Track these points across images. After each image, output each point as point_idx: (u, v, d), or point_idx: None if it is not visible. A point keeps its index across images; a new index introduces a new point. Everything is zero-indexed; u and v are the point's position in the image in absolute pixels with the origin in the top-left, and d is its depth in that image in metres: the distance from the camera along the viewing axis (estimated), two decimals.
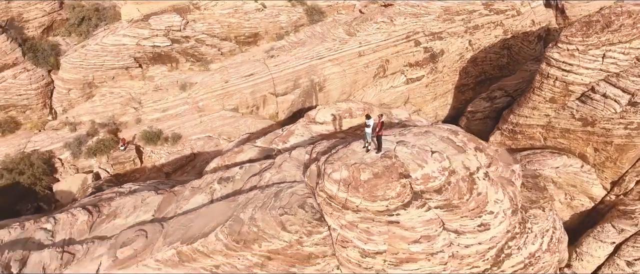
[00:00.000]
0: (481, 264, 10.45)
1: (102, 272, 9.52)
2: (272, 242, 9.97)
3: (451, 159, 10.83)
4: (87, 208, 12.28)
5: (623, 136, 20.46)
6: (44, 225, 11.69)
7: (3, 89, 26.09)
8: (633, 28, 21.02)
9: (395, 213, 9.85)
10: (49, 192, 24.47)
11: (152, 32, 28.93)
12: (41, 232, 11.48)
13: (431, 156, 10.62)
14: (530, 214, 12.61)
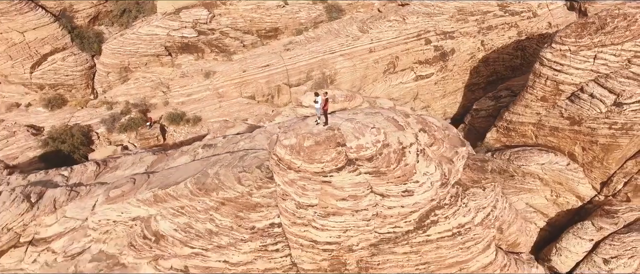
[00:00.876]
0: (403, 225, 12.14)
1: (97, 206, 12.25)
2: (227, 192, 12.28)
3: (388, 135, 12.58)
4: (97, 162, 15.25)
5: (607, 136, 20.93)
6: (62, 172, 14.76)
7: (53, 70, 30.23)
8: (626, 30, 21.35)
9: (329, 175, 11.80)
10: (84, 161, 28.25)
11: (181, 24, 32.14)
12: (59, 177, 14.53)
13: (369, 131, 12.44)
14: (470, 191, 14.02)
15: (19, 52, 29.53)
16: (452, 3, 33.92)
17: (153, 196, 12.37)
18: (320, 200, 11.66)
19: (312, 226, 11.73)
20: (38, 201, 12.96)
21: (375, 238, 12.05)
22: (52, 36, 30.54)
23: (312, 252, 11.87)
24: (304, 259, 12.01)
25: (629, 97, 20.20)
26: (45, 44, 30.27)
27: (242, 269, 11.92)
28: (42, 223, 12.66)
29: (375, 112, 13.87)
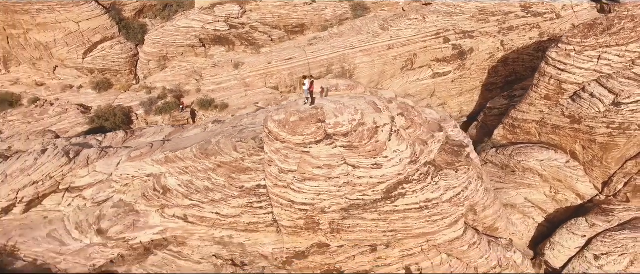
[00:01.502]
0: (371, 194, 13.82)
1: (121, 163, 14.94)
2: (224, 157, 14.53)
3: (364, 115, 14.30)
4: (126, 130, 18.06)
5: (605, 135, 21.36)
6: (97, 137, 17.71)
7: (102, 57, 34.09)
8: (632, 31, 21.64)
9: (308, 146, 13.74)
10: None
11: (215, 18, 35.06)
12: (94, 141, 17.48)
13: (347, 111, 14.23)
14: (443, 172, 15.41)
15: (74, 40, 33.57)
16: (474, 3, 34.62)
17: (164, 158, 14.88)
18: (299, 167, 13.63)
19: (291, 189, 13.74)
20: (75, 157, 15.88)
21: (346, 203, 13.86)
22: (103, 26, 34.39)
23: (290, 211, 13.87)
24: (283, 217, 14.03)
25: (627, 97, 20.57)
26: (96, 33, 34.15)
27: (231, 221, 14.12)
28: (77, 175, 15.53)
29: (359, 97, 15.66)
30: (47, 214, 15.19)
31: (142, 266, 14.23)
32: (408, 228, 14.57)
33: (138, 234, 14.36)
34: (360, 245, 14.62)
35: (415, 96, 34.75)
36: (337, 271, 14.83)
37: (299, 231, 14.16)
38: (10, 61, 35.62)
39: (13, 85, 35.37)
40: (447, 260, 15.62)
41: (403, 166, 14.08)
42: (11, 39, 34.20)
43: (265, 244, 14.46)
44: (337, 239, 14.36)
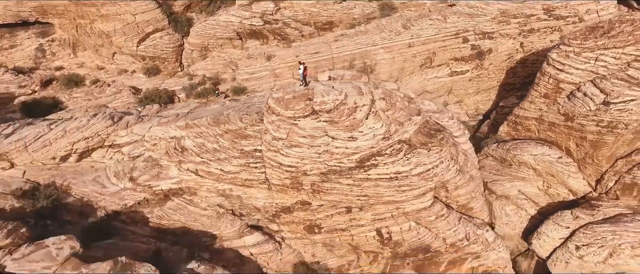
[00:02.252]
0: (346, 162, 16.43)
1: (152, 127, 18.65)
2: (231, 125, 17.79)
3: (348, 96, 16.96)
4: (160, 103, 21.87)
5: (595, 133, 22.42)
6: (137, 108, 21.64)
7: (153, 46, 38.89)
8: (630, 35, 22.51)
9: (297, 119, 16.64)
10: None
11: (251, 14, 38.76)
12: (134, 110, 21.50)
13: (333, 92, 16.96)
14: (417, 150, 17.67)
15: (130, 30, 38.61)
16: (496, 5, 35.76)
17: (185, 124, 18.41)
18: (288, 136, 16.58)
19: (280, 153, 16.69)
20: (118, 121, 19.87)
21: (325, 168, 16.60)
22: (155, 19, 39.20)
23: (278, 171, 16.83)
24: (273, 176, 17.02)
25: (616, 97, 21.55)
26: (149, 24, 39.02)
27: (231, 176, 17.32)
28: (118, 135, 19.48)
29: (347, 82, 18.33)
30: (94, 164, 19.23)
31: (161, 209, 17.81)
32: (379, 195, 17.06)
33: (160, 182, 17.96)
34: (337, 206, 17.30)
35: (432, 92, 36.54)
36: (318, 227, 17.62)
37: (285, 189, 17.09)
38: (78, 47, 41.42)
39: (79, 68, 41.10)
40: (415, 227, 17.90)
41: (376, 141, 16.60)
42: (79, 27, 39.88)
43: (258, 198, 17.54)
44: (317, 198, 17.13)
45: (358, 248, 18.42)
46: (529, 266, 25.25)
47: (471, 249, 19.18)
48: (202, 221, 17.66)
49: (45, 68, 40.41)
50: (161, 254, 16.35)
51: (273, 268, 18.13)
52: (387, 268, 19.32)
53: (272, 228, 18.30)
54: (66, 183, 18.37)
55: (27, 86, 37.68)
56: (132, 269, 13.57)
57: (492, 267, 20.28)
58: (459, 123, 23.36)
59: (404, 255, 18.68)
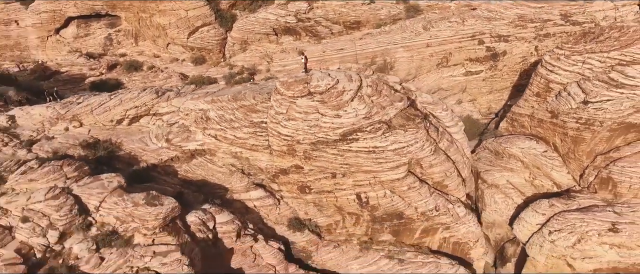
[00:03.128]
0: (332, 135, 20.19)
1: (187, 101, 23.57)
2: (245, 102, 22.21)
3: (339, 82, 20.76)
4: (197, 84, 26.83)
5: (574, 129, 24.57)
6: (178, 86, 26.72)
7: (200, 38, 44.53)
8: (616, 41, 24.40)
9: (296, 98, 20.71)
10: None
11: (287, 12, 43.27)
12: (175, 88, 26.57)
13: (326, 78, 20.82)
14: (395, 131, 21.04)
15: (182, 24, 44.52)
16: (515, 10, 37.65)
17: (211, 99, 23.12)
18: (287, 111, 20.72)
19: (280, 125, 20.84)
20: (161, 95, 25.06)
21: (314, 139, 20.51)
22: (204, 14, 44.84)
23: (278, 139, 20.98)
24: (274, 143, 21.21)
25: (594, 97, 23.59)
26: (198, 19, 44.71)
27: (242, 141, 21.72)
28: (160, 106, 24.61)
29: (342, 71, 22.14)
30: (141, 128, 24.46)
31: (188, 165, 22.60)
32: (359, 164, 20.73)
33: (188, 144, 22.77)
34: (324, 171, 21.14)
35: (447, 90, 39.17)
36: (308, 188, 21.59)
37: (283, 155, 21.20)
38: (139, 37, 48.08)
39: (139, 55, 47.75)
40: (390, 195, 21.37)
41: (358, 119, 20.32)
42: (141, 20, 46.43)
43: (262, 161, 21.81)
44: (308, 164, 21.08)
45: (342, 209, 22.17)
46: (514, 252, 27.68)
47: (441, 219, 22.26)
48: (217, 176, 22.24)
49: (111, 54, 47.41)
50: (183, 195, 21.06)
51: (272, 220, 22.34)
52: (368, 231, 22.88)
53: (273, 187, 22.52)
54: (119, 140, 23.71)
55: (96, 69, 44.76)
56: (159, 200, 18.34)
57: (463, 239, 23.19)
58: (452, 115, 26.33)
59: (382, 219, 22.16)
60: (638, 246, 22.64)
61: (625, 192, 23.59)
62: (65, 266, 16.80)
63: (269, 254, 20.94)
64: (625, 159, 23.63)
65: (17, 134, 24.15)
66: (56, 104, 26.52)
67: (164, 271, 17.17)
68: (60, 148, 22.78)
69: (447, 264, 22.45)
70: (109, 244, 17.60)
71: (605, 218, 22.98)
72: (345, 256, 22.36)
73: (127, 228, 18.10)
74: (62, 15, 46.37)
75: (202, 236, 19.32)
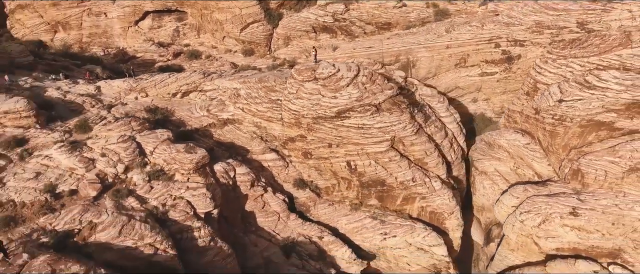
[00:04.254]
0: (329, 112, 25.57)
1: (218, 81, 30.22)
2: (267, 83, 28.36)
3: (339, 70, 26.09)
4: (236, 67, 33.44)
5: (550, 124, 27.90)
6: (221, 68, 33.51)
7: (250, 33, 51.64)
8: (596, 47, 27.37)
9: (304, 82, 26.41)
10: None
11: (325, 13, 49.03)
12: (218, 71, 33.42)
13: (330, 67, 26.25)
14: (383, 113, 25.93)
15: (236, 20, 51.91)
16: (533, 17, 40.30)
17: (243, 80, 29.57)
18: (296, 91, 26.49)
19: (291, 102, 26.64)
20: (206, 76, 32.00)
21: (316, 114, 26.06)
22: (255, 12, 51.92)
23: (288, 113, 26.78)
24: (285, 116, 27.03)
25: (568, 96, 26.72)
26: (250, 17, 51.87)
27: (261, 113, 27.84)
28: (205, 84, 31.49)
29: (345, 63, 27.48)
30: (189, 100, 31.52)
31: (221, 130, 29.13)
32: (349, 137, 25.99)
33: (223, 114, 29.33)
34: (322, 141, 26.61)
35: (464, 89, 42.74)
36: (310, 154, 27.16)
37: (291, 126, 26.96)
38: (201, 30, 56.34)
39: (200, 46, 55.99)
40: (374, 165, 26.38)
41: (350, 101, 25.62)
42: (203, 16, 54.55)
43: (276, 130, 27.77)
44: (310, 134, 26.67)
45: (337, 174, 27.51)
46: (498, 234, 31.36)
47: (417, 190, 26.82)
48: (242, 140, 28.56)
49: (178, 44, 56.08)
50: (213, 151, 27.60)
51: (281, 178, 28.25)
52: (359, 195, 28.01)
53: (284, 152, 28.41)
54: (172, 109, 30.90)
55: (164, 56, 53.59)
56: (194, 150, 24.98)
57: (438, 210, 27.54)
58: (446, 106, 30.82)
59: (368, 185, 27.18)
60: (596, 230, 25.58)
61: (591, 182, 26.44)
62: (126, 189, 23.87)
63: (275, 203, 26.87)
64: (593, 153, 26.46)
65: (101, 99, 32.23)
66: (130, 79, 34.51)
67: (193, 200, 23.69)
68: (130, 111, 30.37)
69: (421, 228, 26.97)
70: (157, 178, 24.48)
71: (568, 202, 26.12)
72: (337, 213, 27.68)
73: (170, 168, 24.91)
74: (140, 10, 55.77)
75: (224, 181, 25.68)
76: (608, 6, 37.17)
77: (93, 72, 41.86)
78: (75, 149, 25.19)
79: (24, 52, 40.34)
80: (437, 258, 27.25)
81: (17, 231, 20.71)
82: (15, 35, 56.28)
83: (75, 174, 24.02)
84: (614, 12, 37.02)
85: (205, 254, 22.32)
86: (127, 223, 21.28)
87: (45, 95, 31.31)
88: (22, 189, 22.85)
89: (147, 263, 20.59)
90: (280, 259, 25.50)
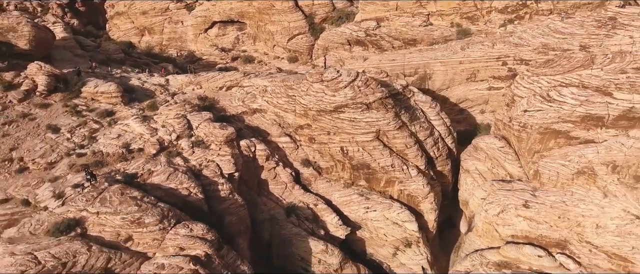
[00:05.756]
0: (328, 107, 32.92)
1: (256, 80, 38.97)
2: (287, 83, 36.49)
3: (341, 75, 33.46)
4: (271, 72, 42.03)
5: (517, 130, 32.96)
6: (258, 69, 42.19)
7: (295, 43, 60.60)
8: (562, 67, 32.02)
9: (313, 83, 34.13)
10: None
11: (359, 28, 56.59)
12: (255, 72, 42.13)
13: (333, 72, 33.73)
14: (371, 110, 32.76)
15: (285, 31, 61.15)
16: (541, 39, 44.60)
17: (270, 79, 37.98)
18: (307, 90, 34.31)
19: (302, 98, 34.45)
20: (246, 76, 40.91)
21: (319, 108, 33.59)
22: (301, 26, 60.80)
23: (299, 106, 34.61)
24: (297, 108, 34.90)
25: (531, 107, 31.63)
26: (296, 29, 60.84)
27: (280, 105, 35.86)
28: (243, 81, 40.40)
29: (346, 69, 34.85)
30: (231, 93, 40.59)
31: (250, 117, 37.68)
32: (343, 127, 33.20)
33: (253, 104, 37.91)
34: (323, 129, 34.01)
35: (472, 100, 47.89)
36: (314, 140, 34.69)
37: (301, 116, 34.71)
38: (256, 39, 66.44)
39: (254, 52, 66.06)
40: (362, 151, 33.28)
41: (345, 99, 32.89)
42: (258, 27, 64.56)
43: (290, 118, 35.67)
44: (314, 123, 34.21)
45: (334, 157, 34.73)
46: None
47: (395, 174, 33.17)
48: (265, 125, 36.86)
49: (236, 50, 66.60)
50: (242, 131, 36.16)
51: (291, 157, 36.06)
52: (351, 176, 34.94)
53: (295, 137, 36.25)
54: (217, 99, 40.15)
55: (224, 59, 64.16)
56: (226, 128, 33.69)
57: (413, 193, 33.63)
58: (438, 112, 36.99)
59: (357, 167, 34.04)
60: (545, 222, 30.12)
61: (546, 181, 30.94)
62: (176, 151, 33.09)
63: (284, 176, 34.72)
64: (549, 156, 30.96)
65: (168, 89, 42.45)
66: (191, 75, 44.59)
67: (221, 164, 32.29)
68: (187, 98, 40.08)
69: (397, 206, 33.25)
70: (198, 146, 33.48)
71: (522, 196, 30.92)
72: (332, 188, 34.84)
73: (208, 139, 33.81)
74: (210, 20, 67.12)
75: (246, 153, 34.09)
76: (611, 31, 40.79)
77: (166, 69, 53.02)
78: (145, 121, 35.10)
79: (117, 51, 52.49)
80: (408, 232, 33.29)
81: (102, 170, 30.60)
82: (112, 36, 70.25)
83: (143, 138, 33.76)
84: (616, 37, 40.62)
85: (224, 202, 30.67)
86: (173, 172, 30.29)
87: (129, 83, 42.20)
88: (108, 144, 32.97)
89: (182, 201, 29.32)
90: (282, 217, 33.20)
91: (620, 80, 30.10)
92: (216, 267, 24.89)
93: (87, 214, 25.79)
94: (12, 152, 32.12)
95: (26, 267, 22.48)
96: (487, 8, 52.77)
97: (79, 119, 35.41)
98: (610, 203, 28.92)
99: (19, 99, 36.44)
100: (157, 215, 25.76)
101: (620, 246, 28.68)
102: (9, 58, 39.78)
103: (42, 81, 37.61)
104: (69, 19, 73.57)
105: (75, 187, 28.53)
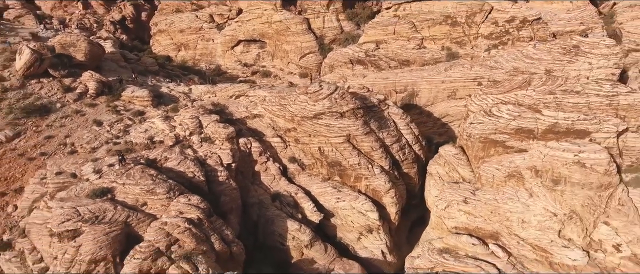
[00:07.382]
0: (309, 114, 40.77)
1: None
2: (282, 94, 44.72)
3: (323, 89, 41.23)
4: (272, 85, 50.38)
5: (465, 139, 39.17)
6: (264, 82, 50.63)
7: (306, 61, 69.12)
8: (504, 87, 38.15)
9: (299, 94, 42.14)
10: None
11: (360, 50, 64.40)
12: (260, 84, 50.56)
13: (328, 86, 41.57)
14: (344, 117, 40.11)
15: (297, 50, 69.92)
16: (513, 63, 50.51)
17: (269, 92, 46.34)
18: (294, 100, 42.33)
19: (291, 106, 42.45)
20: (251, 88, 49.52)
21: (303, 114, 41.41)
22: (311, 46, 69.40)
23: (288, 113, 42.58)
24: (286, 115, 42.88)
25: (474, 120, 37.88)
26: (307, 49, 69.47)
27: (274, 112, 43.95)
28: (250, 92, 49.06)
29: (330, 83, 42.69)
30: (239, 101, 49.25)
31: (252, 120, 46.04)
32: (321, 131, 40.82)
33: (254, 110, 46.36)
34: (306, 132, 41.68)
35: (453, 116, 54.17)
36: (298, 140, 42.45)
37: (289, 120, 42.63)
38: (274, 56, 75.62)
39: (272, 68, 75.21)
40: (334, 151, 40.72)
41: (323, 108, 40.59)
42: (276, 46, 73.74)
43: (281, 122, 43.68)
44: (299, 127, 41.99)
45: (314, 156, 42.27)
46: None
47: (362, 172, 40.20)
48: (262, 128, 45.07)
49: (257, 65, 75.98)
50: (242, 131, 44.52)
51: (281, 155, 43.96)
52: (328, 173, 42.29)
53: (285, 138, 44.19)
54: (227, 105, 48.94)
55: (245, 73, 73.64)
56: (227, 127, 42.16)
57: (377, 189, 40.48)
58: (407, 122, 43.97)
59: (332, 164, 41.36)
60: (480, 216, 36.08)
61: (485, 183, 36.88)
62: (188, 144, 41.91)
63: (273, 169, 42.64)
64: (488, 162, 36.93)
65: (189, 96, 51.84)
66: (209, 85, 53.85)
67: (222, 155, 40.69)
68: (203, 104, 49.11)
69: (362, 198, 40.18)
70: (206, 141, 42.14)
71: (463, 194, 37.03)
72: (312, 181, 42.30)
73: (214, 136, 42.41)
74: (236, 38, 77.02)
75: (243, 149, 42.37)
76: (574, 58, 46.44)
77: (193, 81, 62.85)
78: (167, 120, 44.33)
79: (153, 64, 63.07)
80: (371, 220, 40.05)
81: (131, 155, 39.84)
82: (154, 50, 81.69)
83: (164, 132, 42.91)
84: (577, 63, 46.21)
85: (221, 185, 38.93)
86: (183, 160, 38.99)
87: (159, 90, 52.03)
88: (137, 136, 42.35)
89: (188, 182, 37.86)
90: (268, 201, 41.01)
91: (548, 99, 35.85)
92: (205, 228, 33.02)
93: (116, 184, 34.78)
94: (66, 138, 42.15)
95: (70, 216, 31.54)
96: (474, 34, 59.15)
97: (118, 117, 45.21)
98: (534, 202, 34.61)
99: (74, 99, 46.82)
100: (166, 188, 34.34)
101: (541, 239, 34.24)
102: (69, 67, 50.54)
103: (92, 86, 47.99)
104: (119, 34, 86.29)
105: (110, 166, 37.78)
